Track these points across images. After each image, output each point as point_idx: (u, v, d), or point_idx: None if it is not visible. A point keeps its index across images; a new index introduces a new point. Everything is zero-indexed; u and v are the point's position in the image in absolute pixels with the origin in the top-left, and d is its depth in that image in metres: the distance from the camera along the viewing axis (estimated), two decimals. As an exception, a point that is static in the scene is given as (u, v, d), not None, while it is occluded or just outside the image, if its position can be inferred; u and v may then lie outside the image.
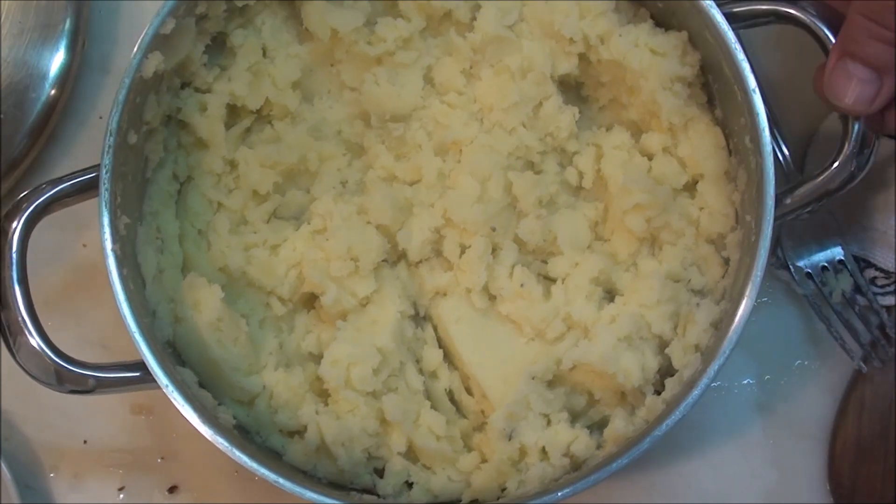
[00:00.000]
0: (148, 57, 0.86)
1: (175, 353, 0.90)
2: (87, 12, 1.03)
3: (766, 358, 1.01)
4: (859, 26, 0.79)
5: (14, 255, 0.84)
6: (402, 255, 0.95)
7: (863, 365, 0.98)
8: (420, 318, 0.97)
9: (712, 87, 0.92)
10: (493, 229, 0.92)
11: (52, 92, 1.01)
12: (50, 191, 0.86)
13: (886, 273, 0.98)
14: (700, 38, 0.89)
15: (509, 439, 0.90)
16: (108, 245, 0.85)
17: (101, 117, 1.05)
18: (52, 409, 1.02)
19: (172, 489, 1.02)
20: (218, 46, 0.96)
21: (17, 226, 0.85)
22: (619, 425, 0.87)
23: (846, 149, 0.84)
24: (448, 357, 0.95)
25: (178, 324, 0.90)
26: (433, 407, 0.92)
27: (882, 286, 0.98)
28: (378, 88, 0.94)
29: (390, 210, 0.92)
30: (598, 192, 0.95)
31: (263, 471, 0.82)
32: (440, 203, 0.93)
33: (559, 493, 0.82)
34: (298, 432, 0.91)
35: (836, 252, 0.98)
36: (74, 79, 1.03)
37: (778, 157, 0.99)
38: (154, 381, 0.83)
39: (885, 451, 0.97)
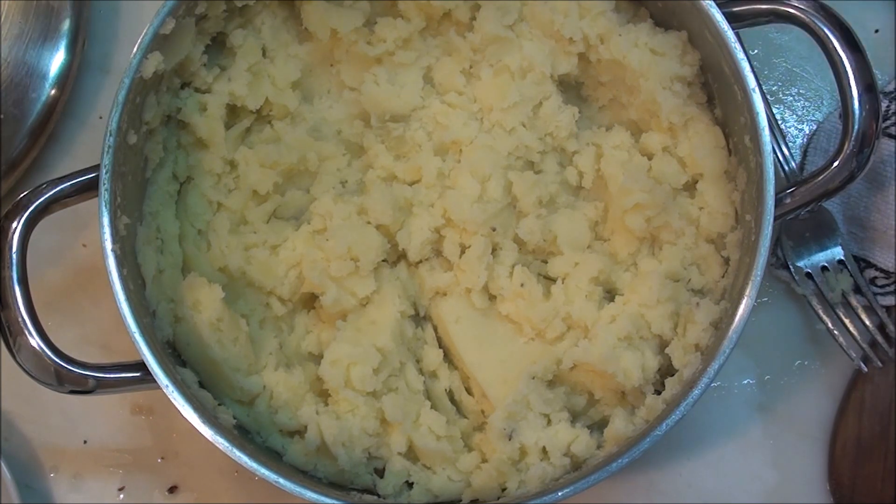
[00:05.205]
0: (148, 57, 0.86)
1: (175, 353, 0.90)
2: (87, 12, 1.03)
3: (766, 358, 1.01)
4: None
5: (14, 255, 0.84)
6: (402, 255, 0.95)
7: (863, 365, 0.98)
8: (420, 318, 0.96)
9: (712, 86, 0.92)
10: (493, 229, 0.92)
11: (52, 92, 1.01)
12: (50, 191, 0.86)
13: (886, 273, 0.98)
14: (700, 38, 0.89)
15: (509, 439, 0.89)
16: (108, 245, 0.85)
17: (101, 117, 1.05)
18: (52, 409, 1.02)
19: (172, 489, 1.01)
20: (218, 46, 0.96)
21: (17, 226, 0.85)
22: (620, 425, 0.87)
23: (846, 148, 0.84)
24: (448, 357, 0.95)
25: (178, 324, 0.90)
26: (433, 407, 0.92)
27: (882, 286, 0.98)
28: (378, 88, 0.94)
29: (390, 210, 0.92)
30: (598, 192, 0.95)
31: (263, 471, 0.82)
32: (440, 203, 0.93)
33: (559, 493, 0.82)
34: (298, 432, 0.91)
35: (836, 252, 0.98)
36: (74, 79, 1.03)
37: (778, 156, 0.99)
38: (154, 381, 0.83)
39: (885, 451, 0.97)
